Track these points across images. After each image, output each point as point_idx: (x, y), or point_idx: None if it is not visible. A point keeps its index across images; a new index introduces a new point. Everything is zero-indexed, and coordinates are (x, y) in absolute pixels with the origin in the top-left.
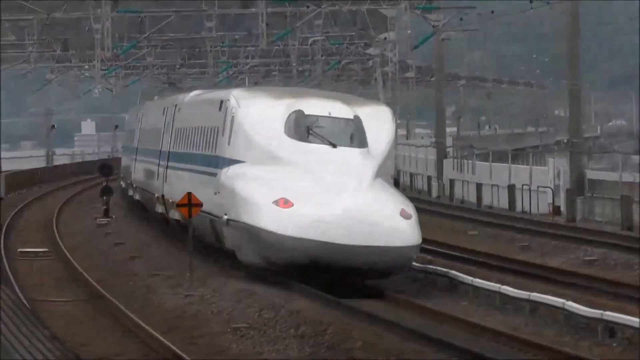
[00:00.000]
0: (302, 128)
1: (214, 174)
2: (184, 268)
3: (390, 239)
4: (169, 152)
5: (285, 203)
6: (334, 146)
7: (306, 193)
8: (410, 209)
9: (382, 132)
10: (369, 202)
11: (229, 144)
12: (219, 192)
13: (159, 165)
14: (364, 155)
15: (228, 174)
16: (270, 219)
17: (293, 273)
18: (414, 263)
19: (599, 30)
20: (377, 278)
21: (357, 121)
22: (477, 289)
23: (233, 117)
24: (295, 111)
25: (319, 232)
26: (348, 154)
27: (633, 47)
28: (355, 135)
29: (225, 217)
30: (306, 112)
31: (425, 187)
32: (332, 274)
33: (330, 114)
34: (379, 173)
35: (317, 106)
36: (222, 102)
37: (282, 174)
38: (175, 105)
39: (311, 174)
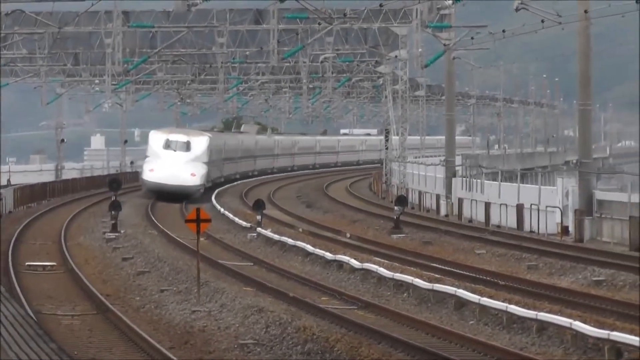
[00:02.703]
0: (166, 144)
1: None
2: (192, 284)
3: (183, 183)
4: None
5: (151, 170)
6: (175, 151)
7: (160, 167)
8: (198, 172)
9: (200, 146)
10: (180, 170)
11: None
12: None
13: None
14: (187, 155)
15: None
16: (147, 176)
17: (151, 194)
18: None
19: (611, 51)
20: (180, 199)
21: (188, 142)
22: (484, 307)
23: (149, 139)
24: (166, 138)
25: (159, 179)
26: (180, 154)
27: None
28: (185, 147)
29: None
30: (170, 139)
31: (434, 206)
32: (163, 195)
33: (177, 138)
34: (195, 160)
35: (174, 136)
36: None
37: (156, 161)
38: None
39: (164, 161)
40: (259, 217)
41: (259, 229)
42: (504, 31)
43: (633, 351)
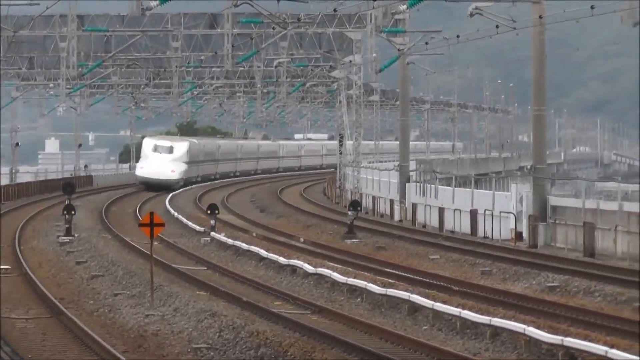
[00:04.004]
0: (154, 148)
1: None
2: (146, 287)
3: (164, 177)
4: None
5: (142, 168)
6: (161, 153)
7: (148, 165)
8: (177, 169)
9: (181, 150)
10: (163, 167)
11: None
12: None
13: None
14: (169, 156)
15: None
16: (138, 172)
17: (142, 186)
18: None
19: (566, 57)
20: (163, 189)
21: (170, 146)
22: (437, 313)
23: (142, 144)
24: (154, 143)
25: (147, 174)
26: (164, 155)
27: (601, 74)
28: (168, 150)
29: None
30: (157, 144)
31: (388, 211)
32: (151, 187)
33: (163, 143)
34: (176, 160)
35: (160, 142)
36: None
37: (146, 160)
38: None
39: (152, 160)
40: (212, 222)
41: (212, 233)
42: (458, 36)
43: (587, 357)
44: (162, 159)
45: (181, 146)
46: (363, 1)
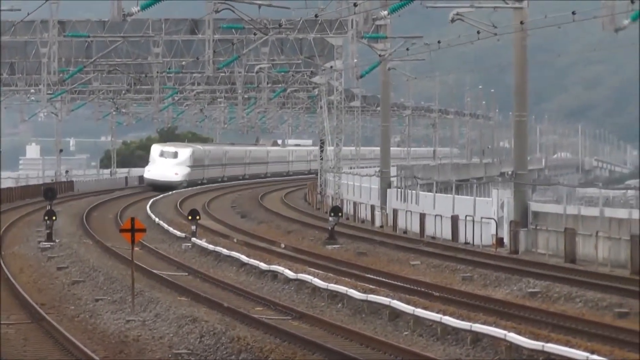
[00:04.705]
0: (161, 153)
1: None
2: (127, 293)
3: (169, 179)
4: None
5: (149, 171)
6: (166, 158)
7: (155, 168)
8: (180, 172)
9: (185, 155)
10: (168, 170)
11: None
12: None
13: None
14: (174, 161)
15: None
16: (147, 175)
17: (150, 187)
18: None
19: (548, 63)
20: (168, 189)
21: (175, 152)
22: (418, 318)
23: (151, 150)
24: (161, 149)
25: (154, 176)
26: (169, 160)
27: (582, 79)
28: (174, 155)
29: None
30: (162, 149)
31: (369, 217)
32: (157, 187)
33: (169, 149)
34: (180, 164)
35: (166, 148)
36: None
37: (153, 164)
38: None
39: (158, 165)
40: (193, 227)
41: (193, 239)
42: (439, 42)
43: None
44: (167, 163)
45: (185, 152)
46: (344, 7)
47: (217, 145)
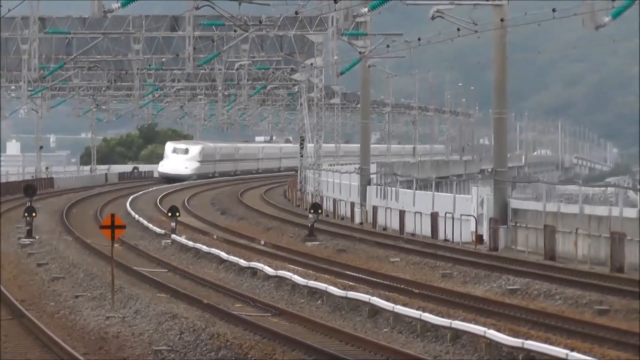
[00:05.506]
0: (173, 150)
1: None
2: (106, 290)
3: (179, 172)
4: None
5: (163, 165)
6: (178, 154)
7: (168, 163)
8: (190, 166)
9: (195, 151)
10: (179, 165)
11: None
12: None
13: None
14: (184, 157)
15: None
16: (161, 169)
17: (163, 180)
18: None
19: (528, 60)
20: (179, 181)
21: (186, 148)
22: (398, 315)
23: (165, 147)
24: (174, 146)
25: (166, 170)
26: (181, 156)
27: (562, 77)
28: (185, 152)
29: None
30: (175, 146)
31: (349, 214)
32: (169, 180)
33: (180, 146)
34: (190, 160)
35: (178, 145)
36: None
37: (166, 160)
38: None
39: (172, 160)
40: (173, 224)
41: (173, 235)
42: (419, 39)
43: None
44: (178, 159)
45: (195, 149)
46: (325, 4)
47: (229, 143)
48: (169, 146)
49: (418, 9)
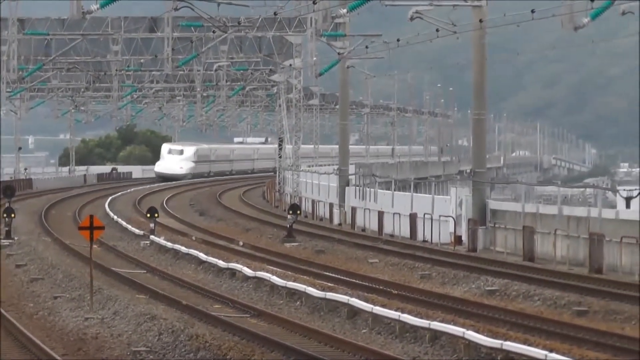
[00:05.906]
0: (169, 151)
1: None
2: (85, 291)
3: (174, 172)
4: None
5: (159, 165)
6: (173, 155)
7: (164, 163)
8: (184, 166)
9: (189, 152)
10: (174, 165)
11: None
12: None
13: None
14: (179, 157)
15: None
16: (157, 169)
17: (159, 179)
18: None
19: (506, 61)
20: (174, 180)
21: (181, 149)
22: (377, 316)
23: (161, 148)
24: (169, 147)
25: (162, 170)
26: (177, 157)
27: (541, 78)
28: (180, 152)
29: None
30: (170, 147)
31: (327, 215)
32: (165, 179)
33: (175, 147)
34: (185, 160)
35: (173, 146)
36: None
37: (162, 160)
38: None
39: (167, 161)
40: (152, 225)
41: (152, 236)
42: (398, 40)
43: None
44: (174, 159)
45: (189, 150)
46: (303, 5)
47: (225, 144)
48: (165, 147)
49: (397, 9)
